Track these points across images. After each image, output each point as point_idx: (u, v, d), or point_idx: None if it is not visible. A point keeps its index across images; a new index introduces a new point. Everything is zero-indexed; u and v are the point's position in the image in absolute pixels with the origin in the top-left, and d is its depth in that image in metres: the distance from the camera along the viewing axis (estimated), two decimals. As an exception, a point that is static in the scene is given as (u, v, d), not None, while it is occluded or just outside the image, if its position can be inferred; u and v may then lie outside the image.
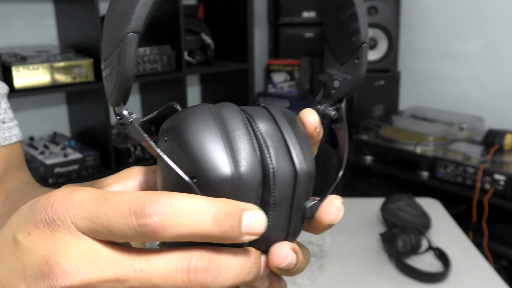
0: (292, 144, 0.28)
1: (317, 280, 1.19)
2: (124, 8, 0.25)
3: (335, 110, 0.34)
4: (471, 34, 2.39)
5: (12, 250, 0.26)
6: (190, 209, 0.24)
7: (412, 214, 1.38)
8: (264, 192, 0.28)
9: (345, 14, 0.30)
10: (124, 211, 0.24)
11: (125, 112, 0.28)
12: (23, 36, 2.08)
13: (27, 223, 0.26)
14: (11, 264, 0.26)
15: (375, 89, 2.54)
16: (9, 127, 0.56)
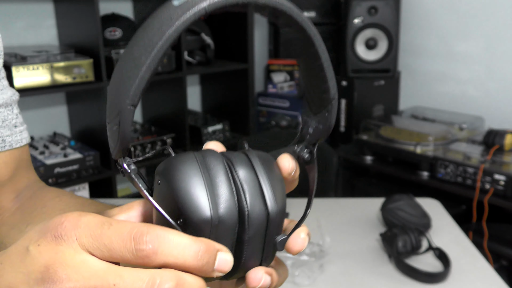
0: (266, 189, 0.34)
1: (317, 280, 1.18)
2: (125, 79, 0.30)
3: (309, 153, 0.40)
4: (471, 34, 2.39)
5: (22, 258, 0.31)
6: (177, 244, 0.29)
7: (412, 214, 1.38)
8: (240, 230, 0.33)
9: (317, 75, 0.35)
10: (125, 236, 0.29)
11: (125, 165, 0.33)
12: (23, 36, 2.08)
13: (39, 236, 0.31)
14: (19, 269, 0.30)
15: (375, 89, 2.54)
16: (20, 130, 0.61)
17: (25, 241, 0.32)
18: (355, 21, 2.43)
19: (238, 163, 0.35)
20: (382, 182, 2.30)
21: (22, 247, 0.31)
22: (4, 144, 0.58)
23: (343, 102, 2.54)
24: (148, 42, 0.30)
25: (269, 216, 0.34)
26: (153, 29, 0.30)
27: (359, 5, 2.40)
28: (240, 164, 0.35)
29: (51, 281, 0.29)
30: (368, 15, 2.41)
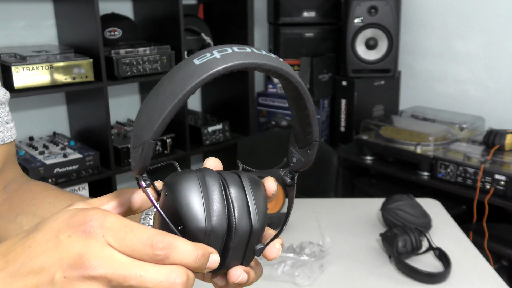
0: (252, 208, 0.42)
1: (317, 280, 1.18)
2: (151, 118, 0.37)
3: (290, 178, 0.49)
4: (471, 34, 2.39)
5: (54, 245, 0.36)
6: (184, 250, 0.38)
7: (413, 214, 1.38)
8: (228, 239, 0.42)
9: (304, 121, 0.44)
10: (144, 242, 0.37)
11: (142, 182, 0.41)
12: (23, 36, 2.08)
13: (68, 228, 0.37)
14: (52, 254, 0.36)
15: (375, 89, 2.54)
16: (10, 127, 0.66)
17: (52, 231, 0.37)
18: (355, 21, 2.43)
19: (231, 183, 0.42)
20: (382, 182, 2.30)
21: (51, 235, 0.37)
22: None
23: (343, 102, 2.54)
24: (172, 92, 0.38)
25: (252, 230, 0.42)
26: (176, 82, 0.39)
27: (359, 5, 2.40)
28: (233, 184, 0.42)
29: (84, 267, 0.35)
30: (368, 15, 2.41)
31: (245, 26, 2.36)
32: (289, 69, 0.41)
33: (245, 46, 0.39)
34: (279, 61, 0.40)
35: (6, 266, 0.37)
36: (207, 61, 0.38)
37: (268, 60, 0.39)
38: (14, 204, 0.63)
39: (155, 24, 2.26)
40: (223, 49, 0.39)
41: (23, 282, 0.36)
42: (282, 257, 1.26)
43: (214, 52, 0.38)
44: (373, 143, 2.22)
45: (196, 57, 0.39)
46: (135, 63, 1.98)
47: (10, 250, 0.38)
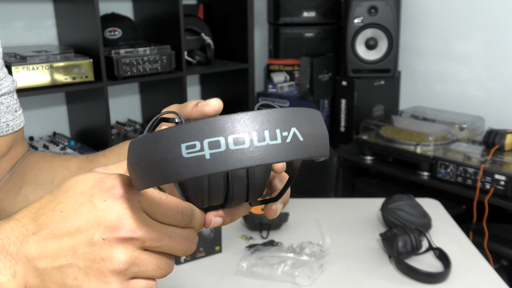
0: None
1: (317, 280, 1.18)
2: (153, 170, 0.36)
3: None
4: (471, 34, 2.39)
5: (89, 209, 0.39)
6: (198, 218, 0.44)
7: (412, 214, 1.38)
8: (227, 192, 0.46)
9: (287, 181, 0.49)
10: (177, 210, 0.41)
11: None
12: (23, 36, 2.08)
13: (102, 193, 0.39)
14: (88, 217, 0.39)
15: (375, 89, 2.54)
16: (19, 114, 0.68)
17: (84, 195, 0.39)
18: (355, 21, 2.43)
19: None
20: (382, 182, 2.30)
21: (83, 199, 0.39)
22: (8, 128, 0.66)
23: (343, 102, 2.54)
24: (149, 173, 0.36)
25: (247, 197, 0.47)
26: (156, 166, 0.35)
27: (359, 5, 2.40)
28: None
29: (123, 229, 0.38)
30: (368, 15, 2.41)
31: (245, 26, 2.36)
32: (295, 153, 0.36)
33: (244, 133, 0.34)
34: (287, 147, 0.35)
35: (39, 229, 0.39)
36: (195, 158, 0.34)
37: (271, 156, 0.34)
38: (17, 179, 0.66)
39: (155, 24, 2.26)
40: (216, 141, 0.33)
41: (59, 244, 0.38)
42: (282, 257, 1.26)
43: (205, 146, 0.33)
44: (373, 143, 2.22)
45: (184, 143, 0.34)
46: (135, 63, 1.98)
47: (39, 214, 0.40)
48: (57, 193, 0.41)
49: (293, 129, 0.35)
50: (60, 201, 0.40)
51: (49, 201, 0.40)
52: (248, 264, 1.22)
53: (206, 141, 0.33)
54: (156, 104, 2.37)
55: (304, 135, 0.36)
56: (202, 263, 1.27)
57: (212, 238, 1.30)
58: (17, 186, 0.64)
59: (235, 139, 0.33)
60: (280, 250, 1.29)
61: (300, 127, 0.36)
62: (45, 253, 0.38)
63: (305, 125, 0.36)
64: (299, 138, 0.35)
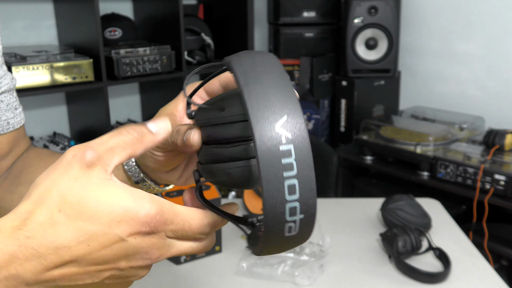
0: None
1: (317, 280, 1.18)
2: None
3: None
4: (471, 34, 2.39)
5: (121, 247, 0.39)
6: (219, 226, 0.46)
7: (412, 214, 1.38)
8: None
9: None
10: (195, 233, 0.43)
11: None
12: (23, 36, 2.08)
13: (132, 229, 0.39)
14: (119, 253, 0.39)
15: (375, 89, 2.54)
16: (19, 112, 0.68)
17: (112, 229, 0.38)
18: (355, 21, 2.43)
19: None
20: (382, 182, 2.30)
21: (113, 237, 0.38)
22: (8, 126, 0.66)
23: (343, 102, 2.54)
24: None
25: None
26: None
27: (359, 5, 2.40)
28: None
29: (151, 261, 0.41)
30: (368, 15, 2.41)
31: (245, 26, 2.36)
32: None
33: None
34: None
35: (61, 261, 0.38)
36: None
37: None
38: (14, 176, 0.65)
39: (155, 24, 2.26)
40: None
41: (85, 272, 0.39)
42: (282, 257, 1.26)
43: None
44: (373, 143, 2.22)
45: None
46: (135, 63, 1.98)
47: (61, 247, 0.37)
48: (78, 218, 0.38)
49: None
50: (86, 233, 0.38)
51: (73, 232, 0.38)
52: (248, 264, 1.22)
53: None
54: (156, 104, 2.37)
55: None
56: (202, 263, 1.27)
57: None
58: (15, 183, 0.64)
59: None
60: (280, 250, 1.29)
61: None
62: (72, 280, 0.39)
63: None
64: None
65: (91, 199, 0.37)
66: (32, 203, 0.38)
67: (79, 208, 0.37)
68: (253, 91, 0.35)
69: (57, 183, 0.38)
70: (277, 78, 0.37)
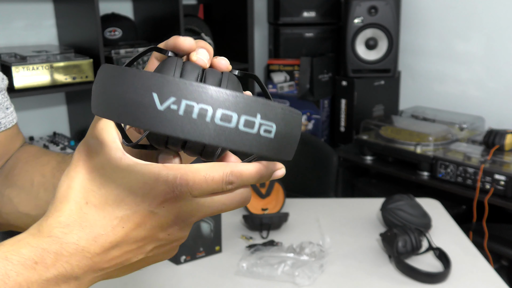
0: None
1: (317, 280, 1.18)
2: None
3: None
4: (471, 34, 2.39)
5: (152, 222, 0.40)
6: (248, 178, 0.42)
7: (412, 214, 1.38)
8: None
9: None
10: (220, 184, 0.40)
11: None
12: (23, 36, 2.08)
13: (155, 199, 0.39)
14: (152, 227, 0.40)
15: (375, 89, 2.54)
16: (11, 112, 0.68)
17: (145, 204, 0.39)
18: (355, 21, 2.43)
19: (209, 77, 0.40)
20: (382, 182, 2.30)
21: (146, 211, 0.39)
22: (0, 126, 0.66)
23: (343, 102, 2.54)
24: (120, 110, 0.34)
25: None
26: (128, 109, 0.34)
27: (359, 5, 2.40)
28: (211, 78, 0.40)
29: (187, 221, 0.41)
30: (368, 15, 2.41)
31: (245, 26, 2.36)
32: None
33: (233, 113, 0.33)
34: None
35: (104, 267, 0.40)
36: (171, 115, 0.33)
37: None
38: (3, 177, 0.65)
39: (155, 24, 2.26)
40: (190, 106, 0.33)
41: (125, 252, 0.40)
42: (282, 257, 1.26)
43: (181, 107, 0.32)
44: (373, 143, 2.22)
45: (156, 94, 0.33)
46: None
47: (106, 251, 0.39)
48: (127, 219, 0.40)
49: (273, 124, 0.35)
50: (116, 217, 0.39)
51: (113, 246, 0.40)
52: (248, 264, 1.22)
53: (184, 101, 0.32)
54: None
55: (277, 134, 0.35)
56: (202, 263, 1.27)
57: (212, 238, 1.31)
58: (3, 186, 0.64)
59: (223, 115, 0.33)
60: (280, 250, 1.29)
61: (279, 125, 0.35)
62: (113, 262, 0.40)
63: (283, 125, 0.35)
64: (272, 135, 0.35)
65: (111, 184, 0.39)
66: (58, 202, 0.40)
67: (102, 195, 0.39)
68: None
69: (76, 178, 0.40)
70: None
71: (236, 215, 1.51)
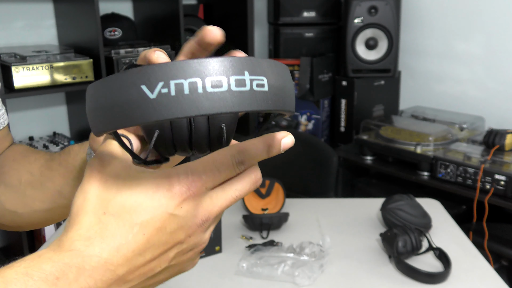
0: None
1: (317, 280, 1.18)
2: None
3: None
4: (471, 34, 2.39)
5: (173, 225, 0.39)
6: (255, 153, 0.41)
7: (413, 214, 1.38)
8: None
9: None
10: (227, 168, 0.40)
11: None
12: (23, 36, 2.08)
13: (173, 203, 0.38)
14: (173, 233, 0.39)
15: (375, 89, 2.54)
16: (2, 113, 0.67)
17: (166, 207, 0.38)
18: (355, 21, 2.43)
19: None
20: (382, 182, 2.30)
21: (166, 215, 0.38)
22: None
23: (343, 102, 2.54)
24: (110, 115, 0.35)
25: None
26: (120, 107, 0.34)
27: (359, 5, 2.40)
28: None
29: (208, 221, 0.40)
30: (368, 15, 2.41)
31: (245, 26, 2.36)
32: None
33: (222, 77, 0.33)
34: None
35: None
36: (164, 99, 0.33)
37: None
38: None
39: (155, 24, 2.26)
40: (179, 84, 0.33)
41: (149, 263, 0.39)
42: (282, 257, 1.26)
43: (172, 88, 0.32)
44: (373, 143, 2.22)
45: (144, 85, 0.33)
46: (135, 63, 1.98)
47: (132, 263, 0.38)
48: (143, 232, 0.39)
49: (263, 78, 0.34)
50: (136, 223, 0.38)
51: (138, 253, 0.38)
52: (248, 264, 1.22)
53: (172, 82, 0.32)
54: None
55: (271, 86, 0.35)
56: (202, 263, 1.27)
57: (212, 238, 1.31)
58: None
59: (212, 82, 0.33)
60: (280, 250, 1.29)
61: (269, 78, 0.35)
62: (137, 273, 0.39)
63: (274, 77, 0.35)
64: (266, 88, 0.34)
65: (126, 192, 0.38)
66: (76, 215, 0.39)
67: (120, 203, 0.38)
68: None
69: (91, 190, 0.39)
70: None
71: (236, 215, 1.51)
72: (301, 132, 2.59)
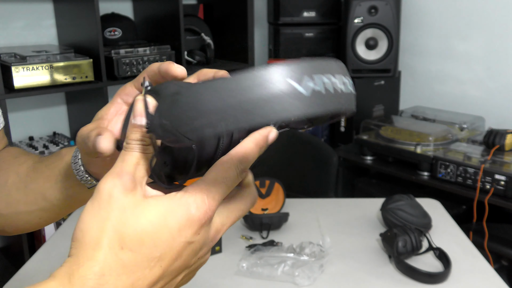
0: None
1: (317, 280, 1.18)
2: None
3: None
4: (472, 34, 2.39)
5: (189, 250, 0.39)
6: (251, 156, 0.41)
7: (413, 214, 1.38)
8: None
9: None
10: (231, 182, 0.39)
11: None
12: (23, 36, 2.08)
13: (187, 232, 0.38)
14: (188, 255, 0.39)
15: (375, 89, 2.54)
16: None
17: (179, 252, 0.38)
18: (355, 21, 2.43)
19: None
20: (382, 182, 2.30)
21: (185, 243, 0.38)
22: None
23: (343, 102, 2.54)
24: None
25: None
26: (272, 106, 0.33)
27: (359, 5, 2.40)
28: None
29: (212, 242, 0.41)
30: (368, 15, 2.41)
31: (245, 26, 2.36)
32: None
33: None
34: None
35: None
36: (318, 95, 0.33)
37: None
38: None
39: (155, 24, 2.26)
40: (342, 81, 0.34)
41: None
42: (282, 257, 1.26)
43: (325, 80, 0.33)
44: (373, 143, 2.22)
45: (296, 81, 0.32)
46: (135, 63, 1.98)
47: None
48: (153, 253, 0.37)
49: (346, 79, 0.36)
50: (154, 257, 0.37)
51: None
52: (248, 264, 1.22)
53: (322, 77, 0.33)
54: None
55: (339, 88, 0.36)
56: (202, 263, 1.27)
57: (212, 238, 1.30)
58: None
59: (340, 81, 0.34)
60: (280, 250, 1.29)
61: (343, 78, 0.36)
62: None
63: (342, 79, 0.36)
64: (340, 89, 0.36)
65: (145, 224, 0.36)
66: (90, 249, 0.36)
67: (138, 237, 0.36)
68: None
69: (108, 221, 0.36)
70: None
71: (236, 215, 1.50)
72: (301, 132, 2.59)
